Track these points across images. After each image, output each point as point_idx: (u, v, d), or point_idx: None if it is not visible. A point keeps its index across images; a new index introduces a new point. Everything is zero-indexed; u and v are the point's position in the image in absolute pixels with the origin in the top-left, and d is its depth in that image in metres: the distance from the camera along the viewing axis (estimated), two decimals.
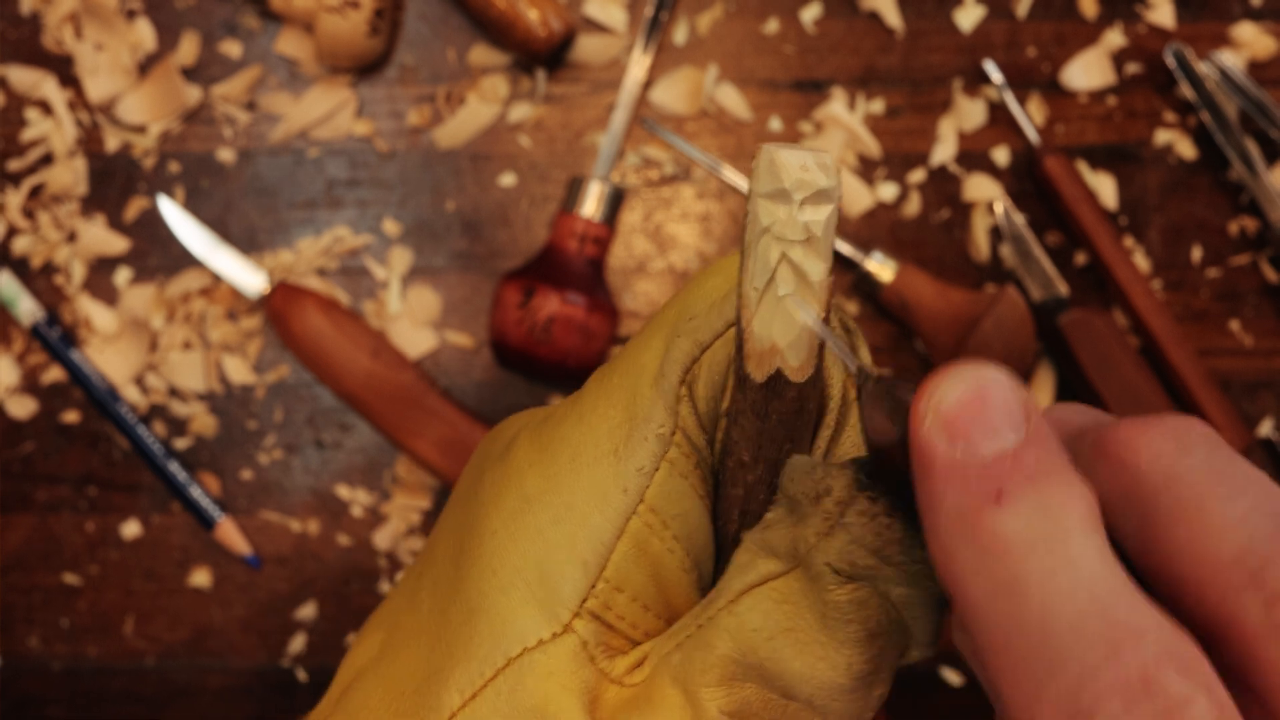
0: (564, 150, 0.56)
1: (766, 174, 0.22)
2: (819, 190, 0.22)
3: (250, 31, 0.56)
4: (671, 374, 0.25)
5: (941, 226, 0.55)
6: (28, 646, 0.56)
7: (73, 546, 0.56)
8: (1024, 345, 0.51)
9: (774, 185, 0.22)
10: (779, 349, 0.22)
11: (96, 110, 0.56)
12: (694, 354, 0.25)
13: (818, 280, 0.22)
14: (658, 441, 0.25)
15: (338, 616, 0.55)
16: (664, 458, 0.25)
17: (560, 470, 0.26)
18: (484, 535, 0.26)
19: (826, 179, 0.22)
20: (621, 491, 0.25)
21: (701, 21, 0.56)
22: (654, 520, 0.25)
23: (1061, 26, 0.56)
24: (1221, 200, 0.56)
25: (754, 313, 0.22)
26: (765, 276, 0.22)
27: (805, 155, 0.22)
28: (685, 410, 0.25)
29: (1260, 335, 0.55)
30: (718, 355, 0.25)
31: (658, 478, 0.25)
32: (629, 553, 0.25)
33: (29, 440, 0.56)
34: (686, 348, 0.25)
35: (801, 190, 0.21)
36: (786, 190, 0.22)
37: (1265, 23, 0.56)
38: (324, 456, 0.55)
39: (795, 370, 0.23)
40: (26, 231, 0.56)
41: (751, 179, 0.22)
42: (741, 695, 0.23)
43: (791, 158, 0.22)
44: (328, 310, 0.53)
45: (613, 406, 0.26)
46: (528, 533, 0.25)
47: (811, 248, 0.22)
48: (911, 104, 0.56)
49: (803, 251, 0.22)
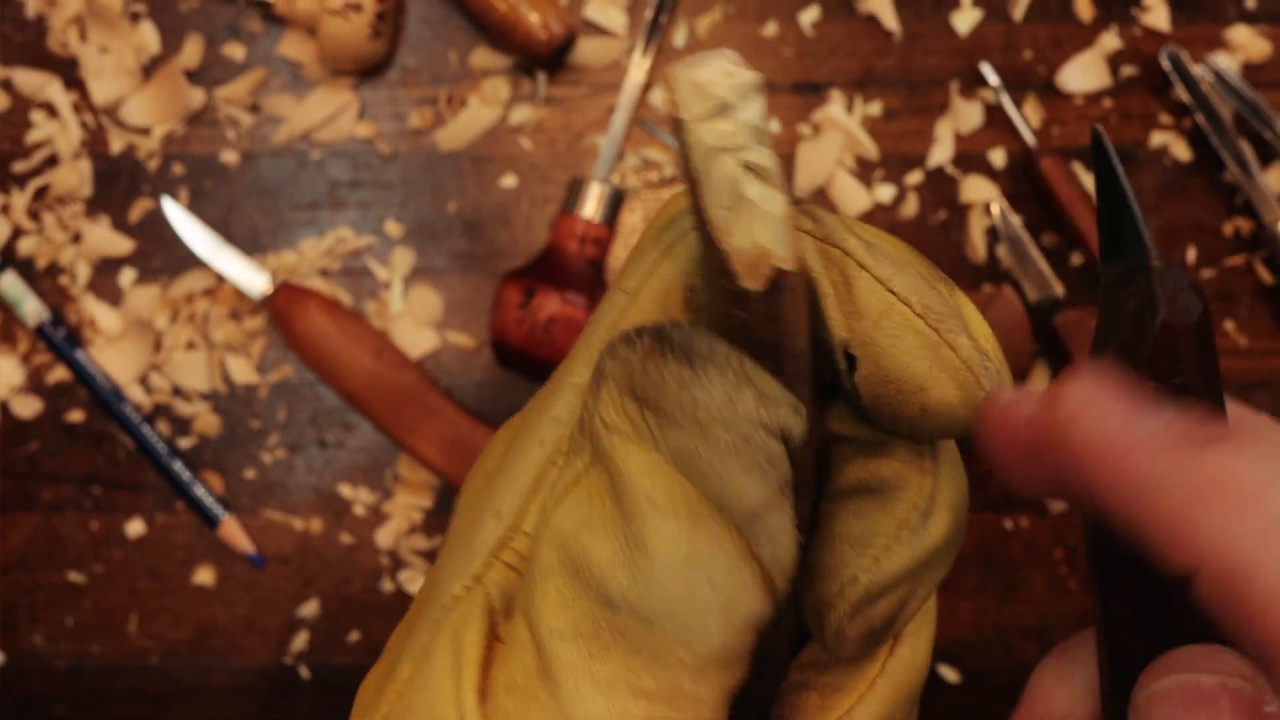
0: (564, 152, 0.56)
1: (694, 98, 0.21)
2: (747, 87, 0.21)
3: (253, 34, 0.57)
4: (599, 324, 0.25)
5: (939, 228, 0.56)
6: (32, 645, 0.56)
7: (77, 545, 0.56)
8: (1020, 345, 0.52)
9: (708, 104, 0.21)
10: (767, 250, 0.22)
11: (101, 112, 0.56)
12: (622, 303, 0.24)
13: (773, 168, 0.22)
14: (573, 391, 0.24)
15: (340, 615, 0.56)
16: (580, 407, 0.24)
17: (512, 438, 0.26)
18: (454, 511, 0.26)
19: (746, 73, 0.21)
20: (539, 444, 0.24)
21: (701, 24, 0.56)
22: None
23: (1057, 29, 0.56)
24: (1216, 202, 0.56)
25: (734, 230, 0.22)
26: (731, 191, 0.21)
27: (717, 62, 0.21)
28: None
29: (1255, 336, 0.56)
30: (646, 299, 0.24)
31: (574, 427, 0.24)
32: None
33: (34, 439, 0.56)
34: (615, 298, 0.25)
35: (738, 93, 0.21)
36: (726, 102, 0.21)
37: (1260, 25, 0.56)
38: (326, 456, 0.56)
39: (788, 259, 0.22)
40: (32, 232, 0.56)
41: (677, 110, 0.21)
42: (570, 615, 0.21)
43: (710, 72, 0.21)
44: (330, 311, 0.54)
45: (557, 372, 0.26)
46: (474, 496, 0.25)
47: (760, 141, 0.21)
48: (909, 106, 0.56)
49: (756, 150, 0.21)
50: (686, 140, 0.21)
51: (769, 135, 0.22)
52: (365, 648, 0.56)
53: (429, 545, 0.56)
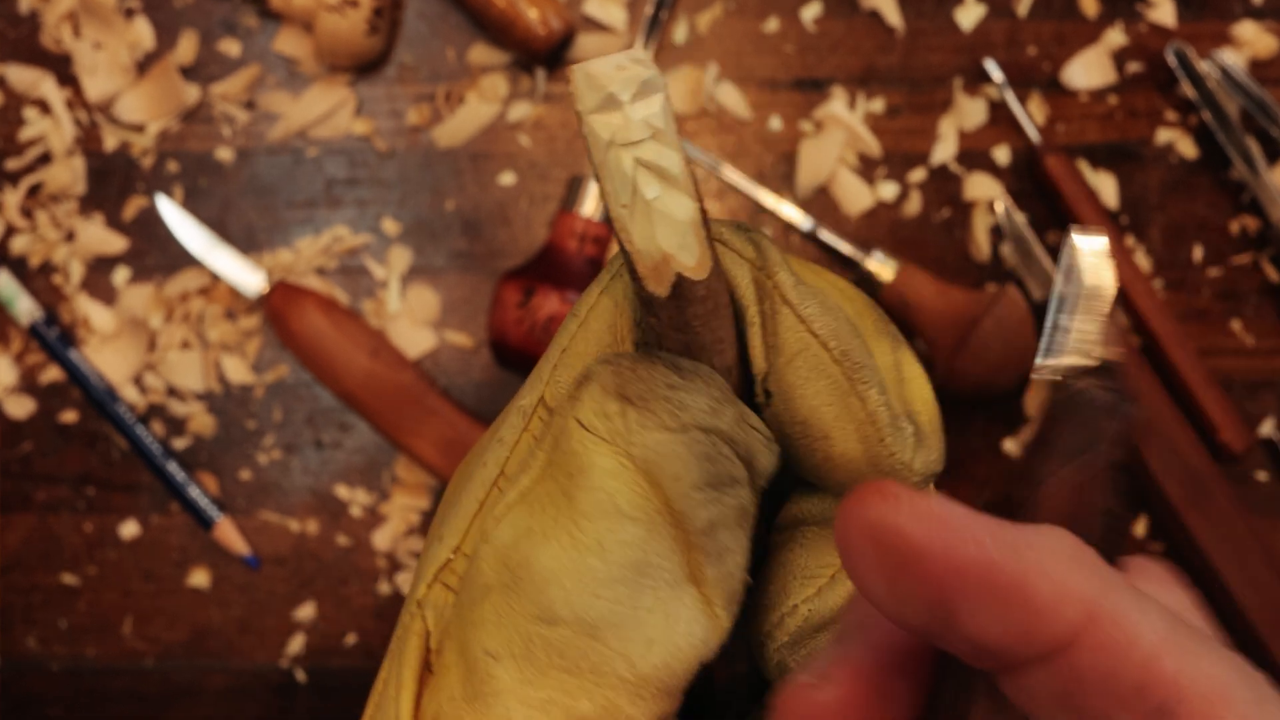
0: (564, 149, 0.56)
1: (587, 89, 0.21)
2: (643, 82, 0.21)
3: (249, 30, 0.56)
4: (552, 348, 0.24)
5: (942, 226, 0.55)
6: (26, 647, 0.55)
7: (71, 547, 0.55)
8: (1025, 345, 0.51)
9: (599, 95, 0.21)
10: (670, 255, 0.22)
11: (95, 109, 0.56)
12: (574, 327, 0.24)
13: (678, 171, 0.21)
14: (518, 414, 0.24)
15: (337, 617, 0.55)
16: (525, 430, 0.24)
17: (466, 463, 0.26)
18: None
19: (646, 69, 0.21)
20: (481, 465, 0.24)
21: (701, 20, 0.56)
22: None
23: (1062, 25, 0.56)
24: (1223, 199, 0.55)
25: (632, 229, 0.22)
26: (628, 188, 0.21)
27: (615, 57, 0.21)
28: (558, 379, 0.24)
29: (1261, 335, 0.55)
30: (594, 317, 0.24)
31: (518, 450, 0.24)
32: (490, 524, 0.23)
33: (27, 440, 0.56)
34: (567, 323, 0.24)
35: (628, 88, 0.21)
36: (613, 95, 0.21)
37: (1266, 21, 0.56)
38: (323, 456, 0.55)
39: (695, 269, 0.22)
40: (25, 231, 0.56)
41: (575, 102, 0.21)
42: (504, 634, 0.21)
43: (604, 64, 0.21)
44: (327, 310, 0.53)
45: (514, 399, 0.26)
46: (433, 524, 0.25)
47: (659, 140, 0.21)
48: (912, 103, 0.56)
49: (653, 148, 0.21)
50: (584, 133, 0.21)
51: (674, 134, 0.21)
52: (362, 650, 0.55)
53: None
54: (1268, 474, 0.55)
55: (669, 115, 0.21)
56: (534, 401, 0.24)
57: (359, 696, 0.55)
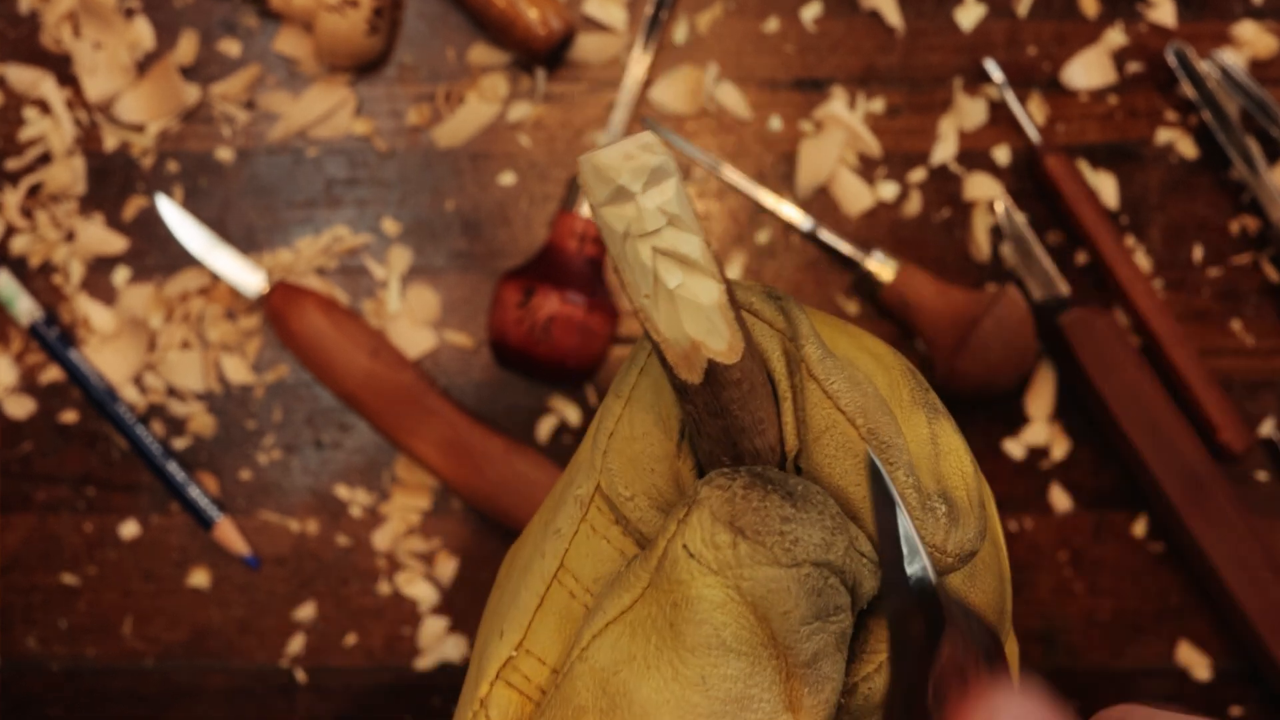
0: (564, 149, 0.56)
1: (596, 182, 0.21)
2: (654, 169, 0.20)
3: (249, 30, 0.56)
4: (599, 434, 0.24)
5: (942, 226, 0.55)
6: (26, 648, 0.55)
7: (71, 547, 0.55)
8: (1025, 345, 0.51)
9: (608, 188, 0.20)
10: (699, 342, 0.21)
11: (95, 109, 0.56)
12: (618, 409, 0.24)
13: (699, 255, 0.21)
14: (575, 504, 0.24)
15: (337, 617, 0.55)
16: (583, 520, 0.23)
17: (518, 550, 0.25)
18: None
19: (656, 156, 0.21)
20: (540, 557, 0.24)
21: (701, 20, 0.56)
22: (576, 586, 0.23)
23: (1062, 25, 0.56)
24: (1223, 199, 0.55)
25: (657, 319, 0.21)
26: (649, 279, 0.21)
27: (623, 145, 0.21)
28: (609, 467, 0.23)
29: (1261, 335, 0.55)
30: (637, 399, 0.23)
31: (576, 541, 0.23)
32: (551, 621, 0.23)
33: (27, 440, 0.56)
34: (610, 404, 0.24)
35: (638, 178, 0.20)
36: (623, 187, 0.20)
37: (1266, 21, 0.56)
38: (323, 456, 0.55)
39: (726, 353, 0.21)
40: (25, 231, 0.56)
41: (586, 194, 0.21)
42: None
43: (612, 154, 0.21)
44: (327, 310, 0.53)
45: (561, 480, 0.25)
46: (485, 616, 0.25)
47: (676, 226, 0.21)
48: (912, 103, 0.56)
49: (671, 235, 0.21)
50: (598, 224, 0.21)
51: (692, 218, 0.21)
52: (362, 651, 0.55)
53: (426, 547, 0.55)
54: (1268, 474, 0.55)
55: (683, 199, 0.21)
56: (589, 491, 0.23)
57: (359, 697, 0.55)
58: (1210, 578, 0.53)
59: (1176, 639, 0.55)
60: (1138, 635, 0.55)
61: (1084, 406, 0.55)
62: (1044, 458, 0.55)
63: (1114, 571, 0.55)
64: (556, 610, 0.23)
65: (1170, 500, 0.52)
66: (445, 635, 0.55)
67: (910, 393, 0.24)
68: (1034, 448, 0.55)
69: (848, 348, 0.24)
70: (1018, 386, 0.55)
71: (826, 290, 0.55)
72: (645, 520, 0.23)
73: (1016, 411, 0.55)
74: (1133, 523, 0.55)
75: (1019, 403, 0.55)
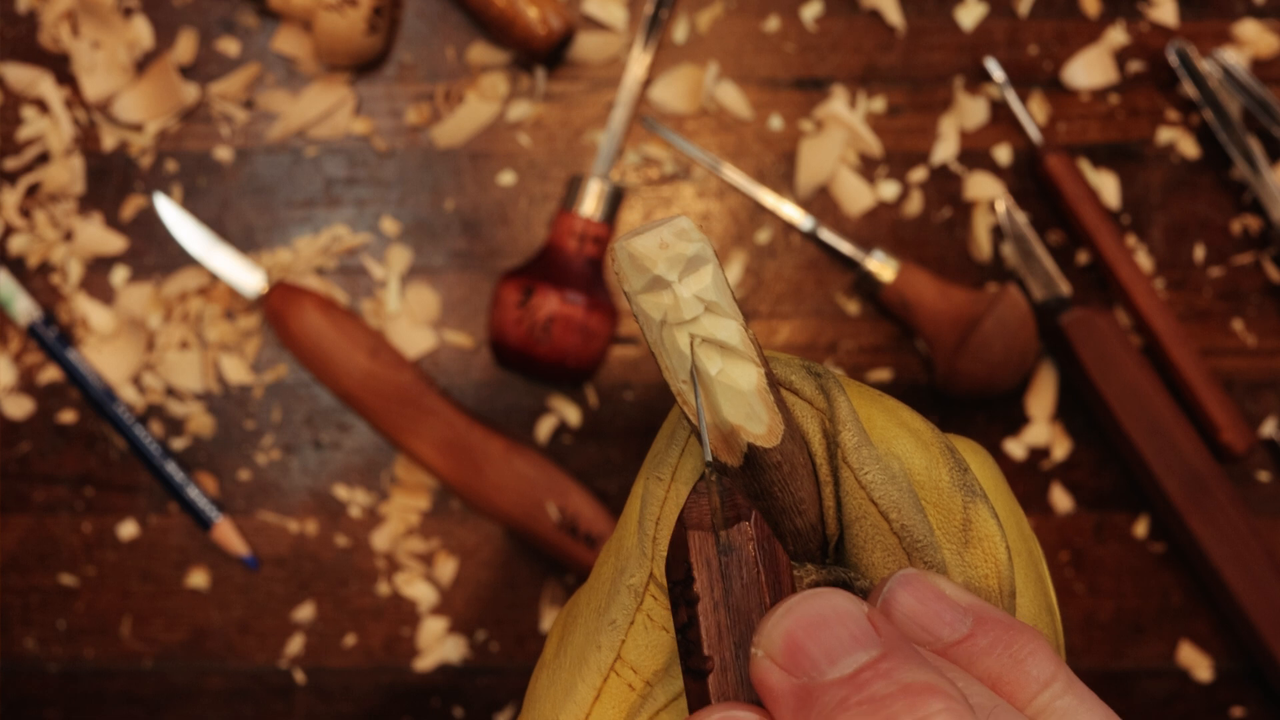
0: (563, 149, 0.56)
1: (631, 270, 0.20)
2: (690, 258, 0.20)
3: (248, 29, 0.56)
4: (645, 520, 0.23)
5: (943, 225, 0.55)
6: (24, 648, 0.55)
7: (70, 547, 0.55)
8: (1025, 345, 0.51)
9: (645, 277, 0.20)
10: (738, 427, 0.21)
11: (93, 108, 0.56)
12: (661, 492, 0.23)
13: (737, 341, 0.21)
14: (629, 594, 0.23)
15: (336, 618, 0.55)
16: (638, 610, 0.23)
17: (567, 632, 0.25)
18: (523, 702, 0.26)
19: (691, 244, 0.20)
20: (596, 649, 0.23)
21: (702, 19, 0.56)
22: (634, 678, 0.23)
23: (1063, 24, 0.56)
24: (1224, 199, 0.55)
25: (697, 405, 0.21)
26: (686, 365, 0.21)
27: (659, 231, 0.21)
28: (661, 554, 0.23)
29: (1263, 335, 0.55)
30: (681, 482, 0.23)
31: (633, 632, 0.23)
32: (609, 715, 0.23)
33: (25, 440, 0.55)
34: (652, 488, 0.24)
35: (674, 267, 0.20)
36: (659, 276, 0.20)
37: (1268, 20, 0.55)
38: (322, 457, 0.55)
39: (765, 436, 0.21)
40: (23, 230, 0.56)
41: (620, 282, 0.21)
42: None
43: (647, 241, 0.20)
44: (326, 309, 0.53)
45: (606, 564, 0.25)
46: (535, 699, 0.25)
47: (714, 314, 0.21)
48: (913, 102, 0.55)
49: (709, 321, 0.21)
50: (634, 310, 0.21)
51: (730, 303, 0.21)
52: (361, 651, 0.55)
53: (425, 548, 0.55)
54: (1269, 474, 0.55)
55: (721, 285, 0.21)
56: (643, 580, 0.23)
57: (358, 698, 0.55)
58: (1211, 578, 0.53)
59: (1178, 639, 0.55)
60: (1139, 635, 0.55)
61: (1085, 406, 0.55)
62: (1045, 458, 0.55)
63: (1115, 572, 0.55)
64: (614, 703, 0.23)
65: (1171, 500, 0.52)
66: (444, 636, 0.55)
67: (949, 474, 0.24)
68: (1035, 448, 0.55)
69: (885, 425, 0.24)
70: (1019, 386, 0.55)
71: (827, 290, 0.55)
72: None
73: (1017, 411, 0.55)
74: (1134, 523, 0.55)
75: (1020, 403, 0.55)
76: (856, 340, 0.55)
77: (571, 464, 0.55)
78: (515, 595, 0.55)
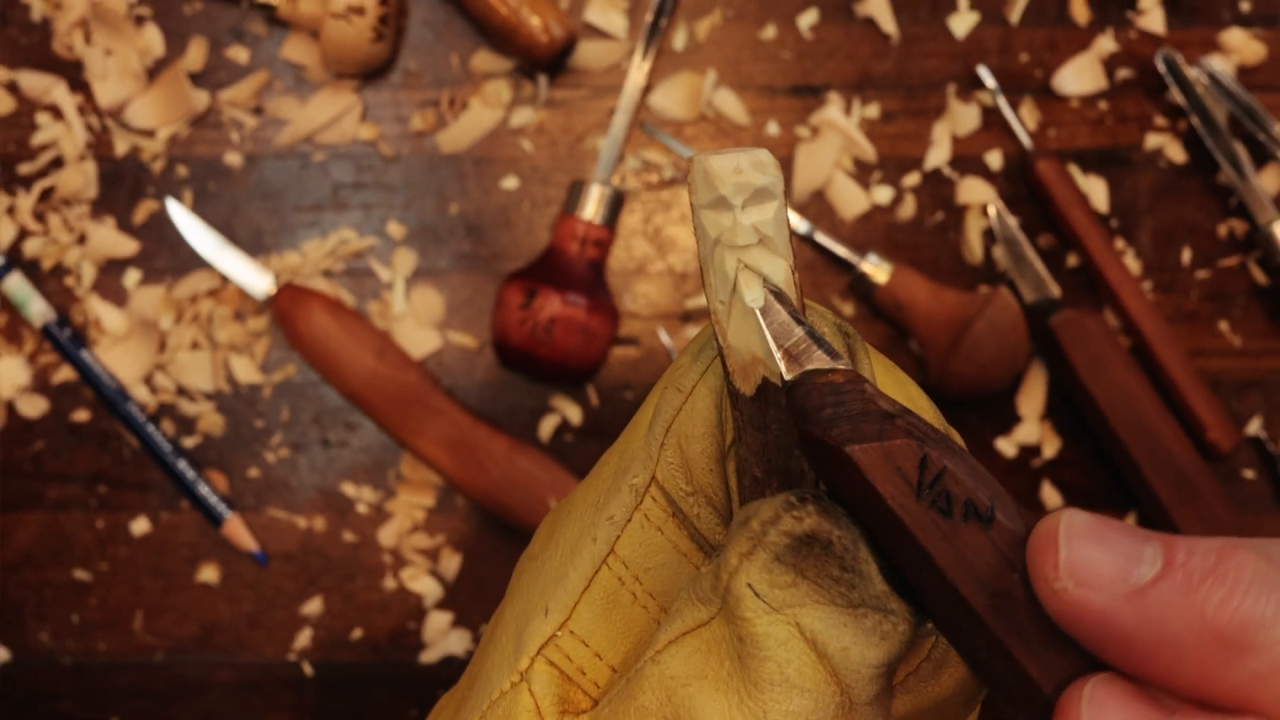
0: (565, 154, 0.57)
1: (702, 184, 0.21)
2: (758, 189, 0.21)
3: (257, 37, 0.57)
4: (656, 425, 0.24)
5: (936, 229, 0.56)
6: (39, 642, 0.56)
7: (83, 543, 0.56)
8: (1016, 346, 0.52)
9: (711, 194, 0.21)
10: (760, 359, 0.21)
11: (106, 114, 0.57)
12: (678, 402, 0.24)
13: (781, 279, 0.21)
14: (630, 492, 0.24)
15: (343, 612, 0.56)
16: (637, 509, 0.24)
17: (558, 525, 0.26)
18: (505, 593, 0.26)
19: (764, 176, 0.21)
20: (591, 541, 0.24)
21: (700, 27, 0.57)
22: (625, 573, 0.24)
23: (1054, 32, 0.57)
24: (1211, 203, 0.56)
25: (726, 326, 0.21)
26: (728, 288, 0.21)
27: (738, 156, 0.21)
28: (669, 460, 0.24)
29: (1249, 336, 0.56)
30: (700, 399, 0.24)
31: (630, 529, 0.24)
32: (596, 604, 0.24)
33: (40, 439, 0.57)
34: (670, 397, 0.24)
35: (740, 193, 0.21)
36: (724, 197, 0.21)
37: (1254, 28, 0.57)
38: (330, 455, 0.56)
39: (780, 375, 0.21)
40: (38, 234, 0.57)
41: (689, 192, 0.21)
42: None
43: (723, 163, 0.21)
44: (333, 311, 0.54)
45: (608, 464, 0.25)
46: (521, 588, 0.25)
47: (766, 248, 0.21)
48: (906, 109, 0.57)
49: (759, 254, 0.21)
50: (694, 223, 0.21)
51: (785, 244, 0.21)
52: (368, 645, 0.56)
53: (431, 543, 0.56)
54: (1255, 472, 0.56)
55: (781, 223, 0.21)
56: (645, 481, 0.24)
57: (365, 690, 0.56)
58: None
59: None
60: None
61: (1075, 406, 0.56)
62: (1035, 456, 0.56)
63: None
64: (603, 595, 0.24)
65: (1160, 498, 0.53)
66: (450, 630, 0.56)
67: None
68: (1025, 446, 0.56)
69: (894, 393, 0.25)
70: (1010, 386, 0.56)
71: (822, 292, 0.56)
72: (702, 519, 0.24)
73: (1008, 411, 0.56)
74: (1123, 520, 0.56)
75: (1011, 402, 0.56)
76: None
77: (573, 462, 0.56)
78: None
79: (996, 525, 0.19)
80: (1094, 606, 0.18)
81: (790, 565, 0.21)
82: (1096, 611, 0.18)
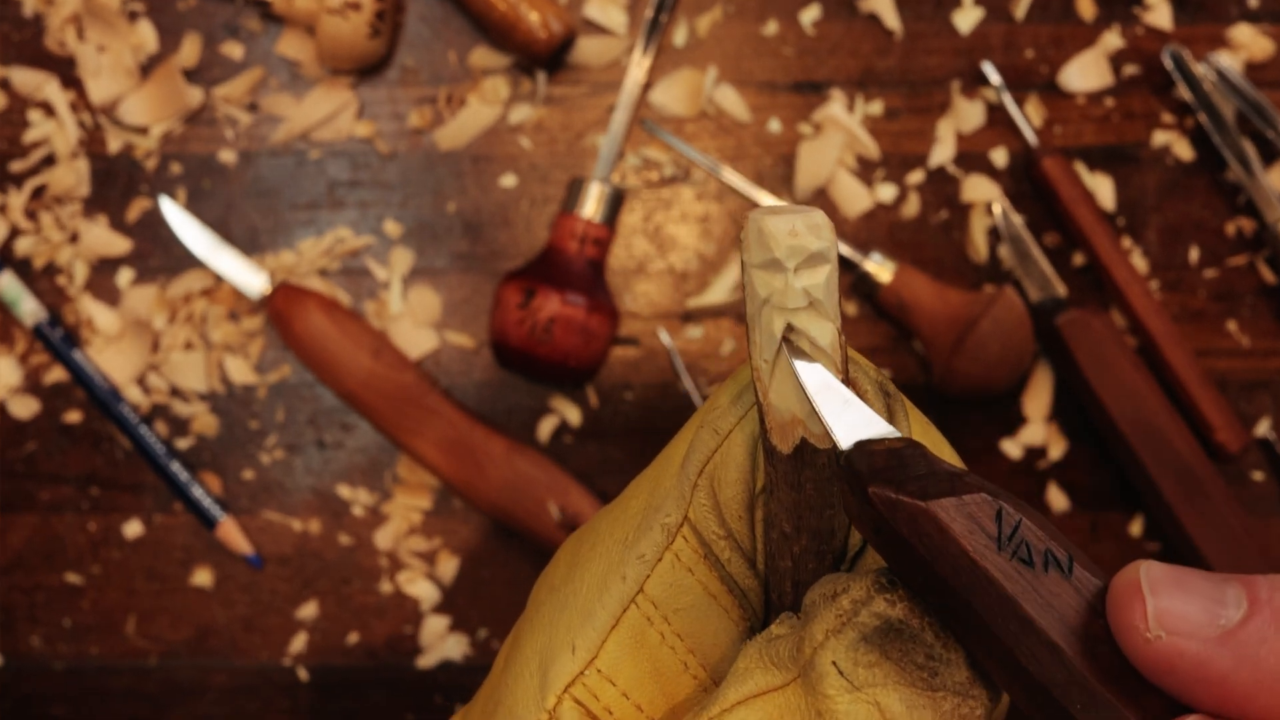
0: (564, 151, 0.56)
1: (756, 244, 0.21)
2: (812, 254, 0.21)
3: (252, 33, 0.56)
4: (690, 465, 0.24)
5: (940, 227, 0.56)
6: (30, 646, 0.56)
7: (75, 546, 0.56)
8: (1022, 346, 0.51)
9: (765, 255, 0.21)
10: (799, 419, 0.22)
11: (99, 111, 0.56)
12: (713, 445, 0.24)
13: (827, 343, 0.21)
14: (662, 531, 0.24)
15: (339, 616, 0.56)
16: (668, 548, 0.24)
17: (581, 559, 0.25)
18: (519, 624, 0.26)
19: (818, 241, 0.21)
20: (620, 579, 0.24)
21: (701, 23, 0.56)
22: (654, 613, 0.24)
23: (1059, 28, 0.56)
24: (1218, 201, 0.56)
25: (768, 385, 0.22)
26: (773, 348, 0.21)
27: (793, 218, 0.21)
28: (701, 502, 0.24)
29: (1257, 335, 0.56)
30: (735, 444, 0.24)
31: (660, 569, 0.24)
32: (624, 643, 0.24)
33: (31, 440, 0.56)
34: (705, 438, 0.24)
35: (794, 257, 0.21)
36: (778, 260, 0.21)
37: (1262, 24, 0.56)
38: (325, 456, 0.56)
39: (820, 437, 0.22)
40: (29, 232, 0.56)
41: (742, 249, 0.21)
42: None
43: (779, 224, 0.21)
44: (329, 311, 0.53)
45: (637, 497, 0.25)
46: (543, 621, 0.25)
47: (816, 311, 0.21)
48: (910, 105, 0.56)
49: (808, 317, 0.21)
50: (744, 279, 0.22)
51: (833, 308, 0.21)
52: (364, 649, 0.56)
53: (428, 546, 0.55)
54: (1263, 473, 0.55)
55: (832, 289, 0.21)
56: (678, 520, 0.24)
57: (361, 695, 0.56)
58: None
59: None
60: None
61: (1081, 407, 0.55)
62: (1041, 457, 0.55)
63: (1111, 571, 0.55)
64: (631, 633, 0.24)
65: (1166, 500, 0.52)
66: (446, 634, 0.55)
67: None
68: (1031, 447, 0.55)
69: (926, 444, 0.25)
70: (1015, 387, 0.55)
71: None
72: (732, 564, 0.24)
73: (1014, 412, 0.55)
74: (1129, 522, 0.56)
75: (1016, 403, 0.55)
76: (854, 341, 0.56)
77: (572, 464, 0.55)
78: (516, 593, 0.56)
79: (1076, 575, 0.20)
80: (1188, 653, 0.18)
81: (876, 646, 0.21)
82: (1191, 657, 0.18)
